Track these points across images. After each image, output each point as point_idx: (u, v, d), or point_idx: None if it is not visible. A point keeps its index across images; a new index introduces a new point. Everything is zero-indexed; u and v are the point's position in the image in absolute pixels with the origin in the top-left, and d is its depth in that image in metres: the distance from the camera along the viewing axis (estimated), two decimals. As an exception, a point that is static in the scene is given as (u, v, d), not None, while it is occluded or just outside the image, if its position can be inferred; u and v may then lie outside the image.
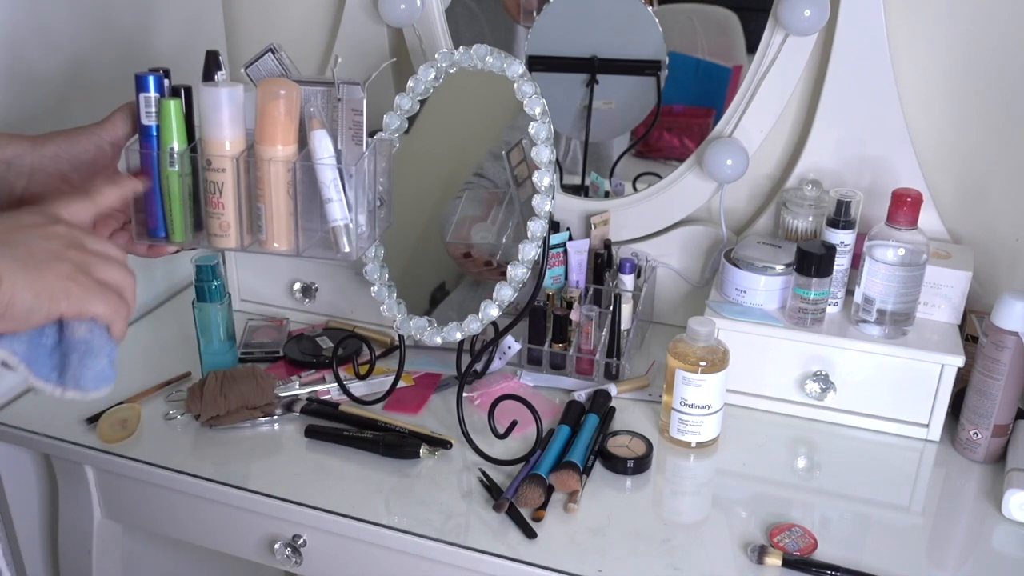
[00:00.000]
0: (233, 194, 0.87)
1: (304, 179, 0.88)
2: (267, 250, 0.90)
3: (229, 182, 0.86)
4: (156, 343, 1.30)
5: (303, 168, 0.88)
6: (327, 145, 0.88)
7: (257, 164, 0.87)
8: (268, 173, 0.86)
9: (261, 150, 0.86)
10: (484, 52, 0.97)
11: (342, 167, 0.89)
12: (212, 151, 0.86)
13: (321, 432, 1.07)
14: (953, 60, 1.12)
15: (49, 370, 0.66)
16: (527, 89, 0.95)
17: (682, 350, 1.03)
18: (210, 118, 0.85)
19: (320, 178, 0.88)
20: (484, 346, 1.11)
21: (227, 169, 0.86)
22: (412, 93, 1.01)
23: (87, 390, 0.66)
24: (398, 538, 0.93)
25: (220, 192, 0.87)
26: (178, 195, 0.86)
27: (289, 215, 0.89)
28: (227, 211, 0.87)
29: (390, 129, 1.02)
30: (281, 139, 0.86)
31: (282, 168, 0.87)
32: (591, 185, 1.34)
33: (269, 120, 0.86)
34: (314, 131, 0.87)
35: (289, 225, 0.89)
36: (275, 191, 0.87)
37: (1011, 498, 0.95)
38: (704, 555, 0.90)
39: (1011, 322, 0.97)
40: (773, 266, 1.11)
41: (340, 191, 0.88)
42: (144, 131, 0.85)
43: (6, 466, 1.15)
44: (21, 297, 0.59)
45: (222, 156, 0.86)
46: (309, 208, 0.90)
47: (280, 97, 0.85)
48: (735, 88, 1.21)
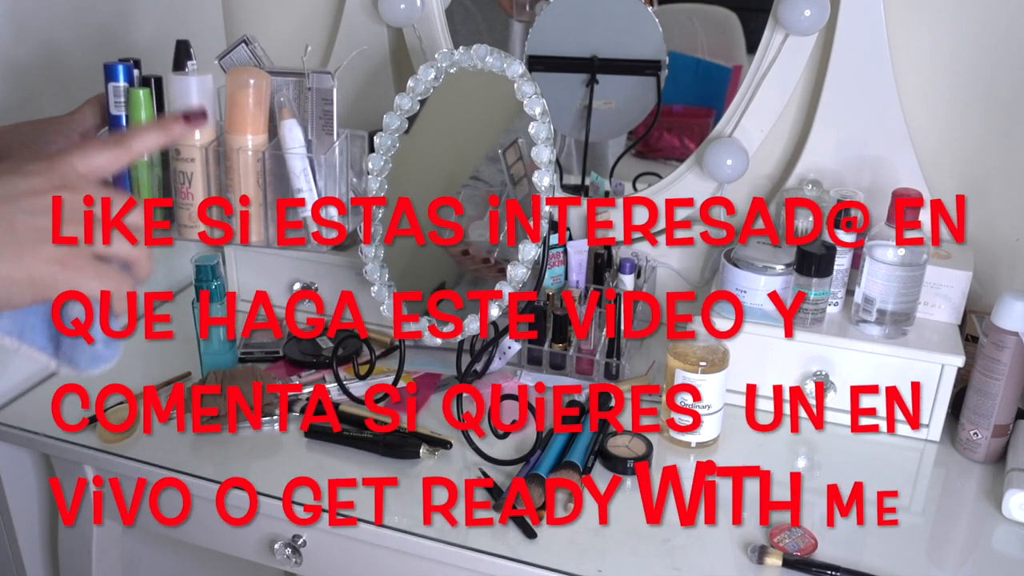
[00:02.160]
0: (202, 184, 0.86)
1: (274, 169, 0.87)
2: (239, 242, 0.89)
3: (198, 172, 0.86)
4: (156, 343, 1.30)
5: (273, 158, 0.87)
6: (297, 135, 0.87)
7: (227, 154, 0.86)
8: (237, 163, 0.86)
9: (231, 139, 0.86)
10: (484, 52, 0.97)
11: (312, 156, 0.88)
12: (181, 140, 0.85)
13: (321, 432, 1.07)
14: (953, 60, 1.12)
15: (45, 340, 0.59)
16: (527, 89, 0.95)
17: (682, 350, 1.03)
18: (179, 107, 0.85)
19: (290, 167, 0.87)
20: (484, 346, 1.11)
21: (196, 159, 0.85)
22: (412, 93, 1.01)
23: (80, 369, 0.60)
24: (398, 538, 0.93)
25: (189, 182, 0.86)
26: (147, 186, 0.85)
27: (260, 206, 0.88)
28: (196, 201, 0.87)
29: (390, 129, 1.02)
30: (251, 128, 0.86)
31: (252, 157, 0.86)
32: (591, 185, 1.34)
33: (238, 109, 0.85)
34: (284, 120, 0.87)
35: (260, 216, 0.88)
36: (245, 181, 0.86)
37: (1011, 498, 0.95)
38: (704, 555, 0.90)
39: (1011, 322, 0.97)
40: (773, 266, 1.11)
41: (311, 181, 0.88)
42: (113, 121, 0.84)
43: (6, 466, 1.15)
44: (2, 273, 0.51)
45: (191, 146, 0.85)
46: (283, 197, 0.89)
47: (249, 86, 0.84)
48: (735, 88, 1.21)
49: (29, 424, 1.09)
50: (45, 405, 1.13)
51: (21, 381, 1.17)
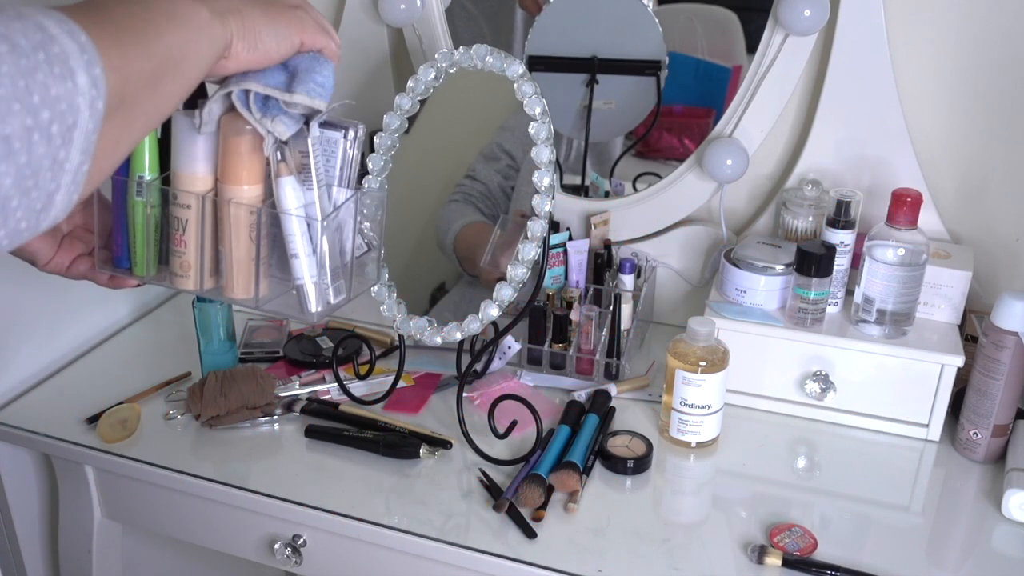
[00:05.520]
0: (195, 233, 0.79)
1: (271, 224, 0.79)
2: (226, 298, 0.82)
3: (193, 220, 0.79)
4: (156, 343, 1.30)
5: (269, 214, 0.79)
6: (293, 194, 0.77)
7: (219, 204, 0.78)
8: (229, 215, 0.78)
9: (224, 189, 0.78)
10: (484, 52, 0.97)
11: (312, 219, 0.78)
12: (180, 184, 0.78)
13: (321, 432, 1.07)
14: (953, 60, 1.12)
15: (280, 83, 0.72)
16: (527, 89, 0.95)
17: (682, 350, 1.03)
18: (183, 149, 0.78)
19: (285, 230, 0.78)
20: (484, 346, 1.11)
21: (192, 206, 0.78)
22: (412, 93, 1.01)
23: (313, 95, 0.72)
24: (398, 538, 0.93)
25: (183, 229, 0.79)
26: (141, 227, 0.80)
27: (251, 261, 0.80)
28: (188, 250, 0.80)
29: (390, 129, 1.02)
30: (246, 179, 0.77)
31: (244, 211, 0.78)
32: (591, 185, 1.34)
33: (232, 157, 0.77)
34: (279, 177, 0.77)
35: (250, 273, 0.80)
36: (235, 235, 0.78)
37: (1011, 498, 0.95)
38: (704, 555, 0.90)
39: (1011, 322, 0.97)
40: (773, 266, 1.11)
41: (307, 245, 0.79)
42: None
43: (6, 466, 1.15)
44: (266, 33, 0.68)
45: (188, 192, 0.78)
46: (282, 255, 0.81)
47: (245, 132, 0.76)
48: (735, 88, 1.21)
49: (29, 424, 1.09)
50: (45, 405, 1.13)
51: (21, 381, 1.17)
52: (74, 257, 0.80)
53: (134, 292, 1.36)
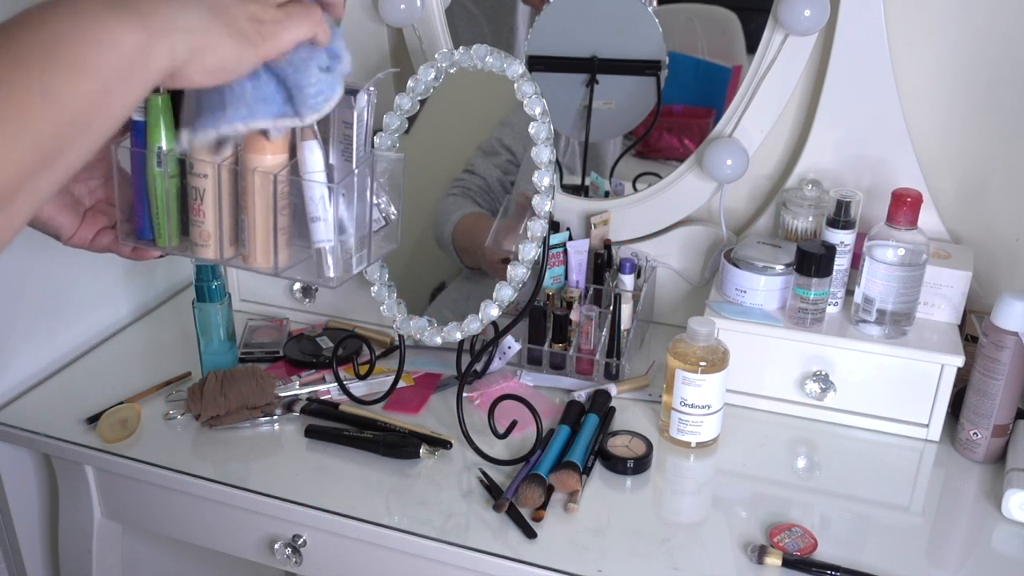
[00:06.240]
0: (213, 202, 0.80)
1: (294, 192, 0.80)
2: (248, 266, 0.82)
3: (210, 189, 0.79)
4: (156, 343, 1.30)
5: (287, 181, 0.80)
6: (316, 158, 0.79)
7: (242, 173, 0.79)
8: (253, 184, 0.79)
9: (247, 158, 0.79)
10: (484, 52, 0.97)
11: (331, 184, 0.80)
12: (196, 154, 0.79)
13: (321, 432, 1.07)
14: (953, 60, 1.12)
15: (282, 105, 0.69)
16: (527, 89, 0.95)
17: (682, 350, 1.03)
18: None
19: (307, 194, 0.80)
20: (484, 346, 1.11)
21: (208, 175, 0.79)
22: (412, 93, 1.01)
23: (319, 108, 0.70)
24: (398, 538, 0.93)
25: (201, 199, 0.79)
26: (162, 197, 0.80)
27: (272, 230, 0.81)
28: (207, 220, 0.80)
29: (390, 129, 1.02)
30: (270, 149, 0.78)
31: (268, 180, 0.79)
32: (591, 185, 1.34)
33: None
34: (304, 141, 0.79)
35: (270, 241, 0.81)
36: (259, 204, 0.80)
37: (1011, 498, 0.95)
38: (704, 555, 0.90)
39: (1011, 322, 0.97)
40: (773, 266, 1.11)
41: (327, 210, 0.80)
42: (134, 127, 0.79)
43: (6, 466, 1.15)
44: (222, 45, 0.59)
45: (204, 161, 0.78)
46: (302, 223, 0.82)
47: None
48: (735, 88, 1.21)
49: (29, 424, 1.09)
50: (45, 405, 1.13)
51: (21, 381, 1.17)
52: (97, 230, 0.80)
53: (134, 292, 1.36)
